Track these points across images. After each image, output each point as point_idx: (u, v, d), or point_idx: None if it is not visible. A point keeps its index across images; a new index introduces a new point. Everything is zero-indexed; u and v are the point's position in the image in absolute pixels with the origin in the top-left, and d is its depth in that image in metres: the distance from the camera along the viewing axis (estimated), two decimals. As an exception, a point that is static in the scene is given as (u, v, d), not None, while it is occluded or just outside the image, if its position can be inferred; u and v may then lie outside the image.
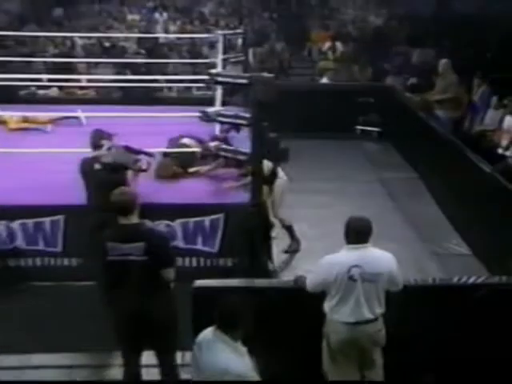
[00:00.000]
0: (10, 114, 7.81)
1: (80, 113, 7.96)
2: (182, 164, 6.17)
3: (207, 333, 3.44)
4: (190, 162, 6.18)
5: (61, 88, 10.36)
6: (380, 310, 3.87)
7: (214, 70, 6.23)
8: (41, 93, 10.24)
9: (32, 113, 7.74)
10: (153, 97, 9.69)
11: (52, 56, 11.42)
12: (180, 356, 4.24)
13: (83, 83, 10.16)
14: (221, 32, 7.95)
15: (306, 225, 6.77)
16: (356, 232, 3.80)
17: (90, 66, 11.29)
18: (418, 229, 6.98)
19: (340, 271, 3.75)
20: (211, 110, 5.70)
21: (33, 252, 5.58)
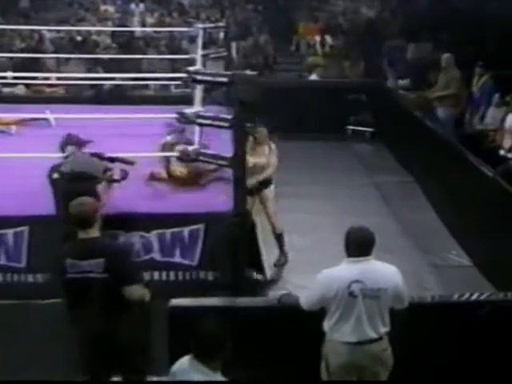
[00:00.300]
0: (-29, 115, 7.68)
1: (49, 113, 7.84)
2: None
3: (183, 361, 3.31)
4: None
5: (28, 86, 10.26)
6: (384, 329, 3.81)
7: (193, 68, 6.15)
8: (6, 91, 10.14)
9: (-5, 113, 7.60)
10: (127, 95, 9.69)
11: (18, 51, 11.30)
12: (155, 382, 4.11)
13: (52, 81, 10.02)
14: (201, 25, 7.84)
15: (295, 233, 6.72)
16: (357, 244, 3.75)
17: (60, 62, 11.21)
18: (415, 237, 6.96)
19: (340, 286, 3.71)
20: (189, 111, 5.61)
21: (-7, 267, 5.44)
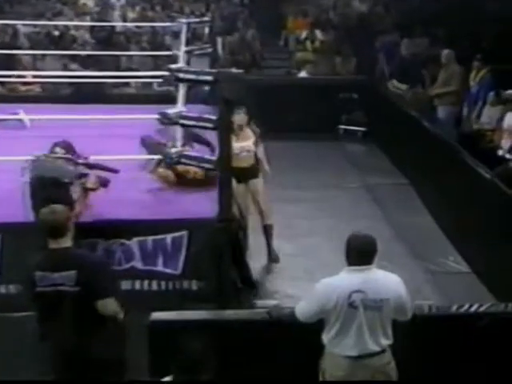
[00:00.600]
0: None
1: (22, 113, 7.72)
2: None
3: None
4: None
5: (2, 84, 10.14)
6: (387, 341, 3.77)
7: (175, 65, 6.08)
8: (-22, 89, 10.05)
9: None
10: (107, 94, 9.66)
11: (-9, 47, 11.13)
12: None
13: (27, 78, 9.91)
14: (184, 20, 7.77)
15: (284, 238, 6.72)
16: (358, 252, 3.70)
17: (36, 59, 11.11)
18: (410, 243, 6.95)
19: (340, 297, 3.66)
20: (172, 112, 5.53)
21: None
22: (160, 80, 7.50)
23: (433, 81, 9.62)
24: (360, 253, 3.71)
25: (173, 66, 5.86)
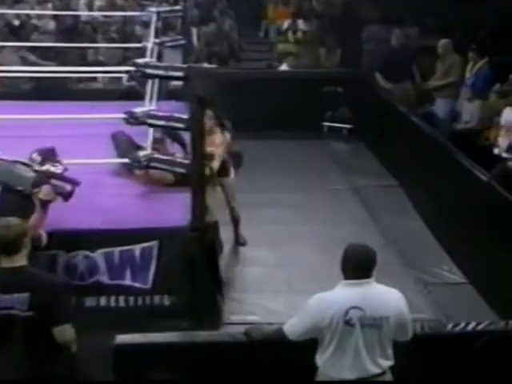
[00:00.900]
0: None
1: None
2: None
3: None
4: None
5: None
6: (387, 362, 3.72)
7: (142, 60, 5.95)
8: None
9: None
10: (72, 89, 9.63)
11: None
12: None
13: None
14: (154, 9, 7.61)
15: (263, 247, 6.75)
16: (356, 264, 3.66)
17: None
18: (400, 250, 6.94)
19: (335, 314, 3.61)
20: (139, 111, 5.43)
21: None
22: (123, 75, 7.39)
23: (424, 75, 9.57)
24: (358, 265, 3.66)
25: (139, 61, 5.73)
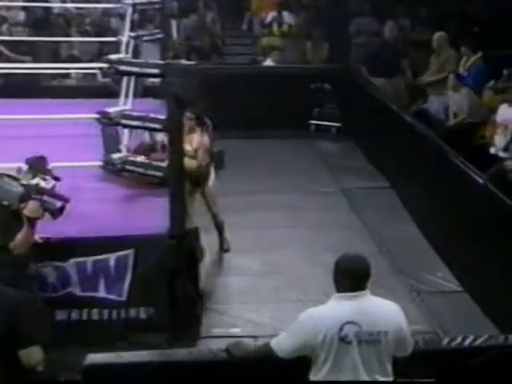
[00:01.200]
0: None
1: None
2: None
3: None
4: None
5: None
6: (386, 379, 3.66)
7: (116, 56, 5.91)
8: None
9: None
10: (44, 86, 9.61)
11: None
12: None
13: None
14: (129, 1, 7.54)
15: (247, 253, 6.72)
16: (349, 276, 3.59)
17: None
18: (392, 256, 6.93)
19: (329, 330, 3.54)
20: (113, 110, 5.34)
21: None
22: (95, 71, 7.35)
23: (415, 71, 9.56)
24: (351, 277, 3.59)
25: (112, 57, 5.70)
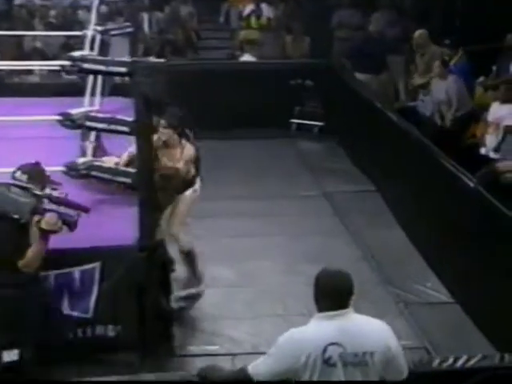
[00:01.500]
0: None
1: None
2: None
3: None
4: None
5: None
6: None
7: (79, 53, 5.88)
8: None
9: None
10: (4, 83, 9.54)
11: None
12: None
13: None
14: (95, -9, 7.52)
15: (224, 264, 6.67)
16: (332, 294, 3.55)
17: None
18: (378, 265, 6.92)
19: (312, 352, 3.48)
20: (76, 112, 5.26)
21: None
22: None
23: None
24: (333, 295, 3.54)
25: (75, 54, 5.63)
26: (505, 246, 5.63)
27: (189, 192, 6.13)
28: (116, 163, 5.85)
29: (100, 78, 7.07)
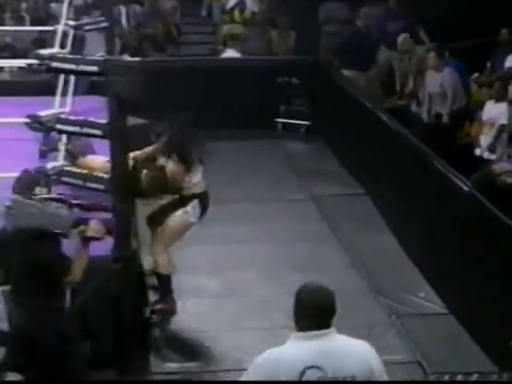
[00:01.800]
0: None
1: None
2: None
3: None
4: None
5: None
6: None
7: (47, 51, 5.77)
8: None
9: None
10: None
11: None
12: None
13: None
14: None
15: (205, 273, 6.66)
16: (312, 312, 3.47)
17: None
18: (368, 273, 6.90)
19: (289, 375, 3.42)
20: (46, 114, 5.25)
21: None
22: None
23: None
24: (313, 313, 3.47)
25: (43, 52, 5.50)
26: (502, 254, 5.58)
27: (179, 212, 5.96)
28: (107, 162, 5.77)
29: (73, 77, 6.99)
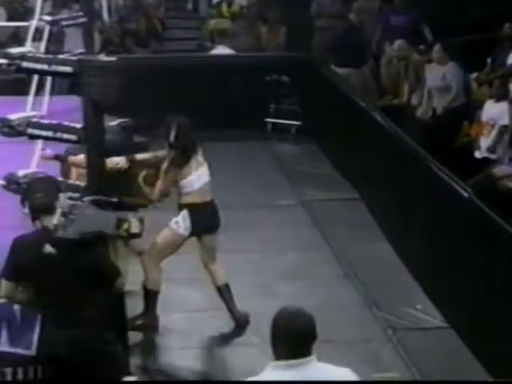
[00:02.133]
0: None
1: None
2: None
3: None
4: None
5: None
6: None
7: (18, 50, 5.70)
8: None
9: None
10: None
11: None
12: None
13: None
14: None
15: (190, 285, 6.60)
16: (290, 339, 3.39)
17: None
18: (362, 284, 6.89)
19: None
20: (17, 117, 5.18)
21: None
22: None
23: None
24: (292, 341, 3.38)
25: (13, 51, 5.44)
26: (503, 264, 5.57)
27: (169, 224, 5.93)
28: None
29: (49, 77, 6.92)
